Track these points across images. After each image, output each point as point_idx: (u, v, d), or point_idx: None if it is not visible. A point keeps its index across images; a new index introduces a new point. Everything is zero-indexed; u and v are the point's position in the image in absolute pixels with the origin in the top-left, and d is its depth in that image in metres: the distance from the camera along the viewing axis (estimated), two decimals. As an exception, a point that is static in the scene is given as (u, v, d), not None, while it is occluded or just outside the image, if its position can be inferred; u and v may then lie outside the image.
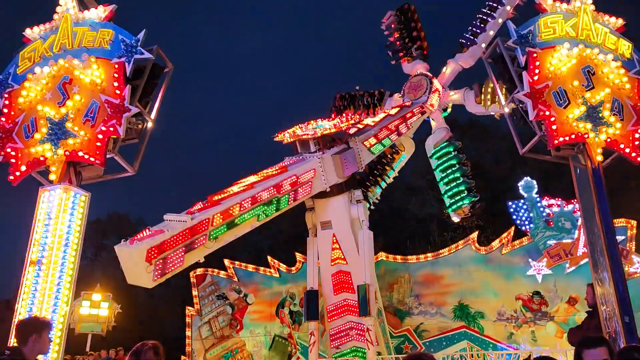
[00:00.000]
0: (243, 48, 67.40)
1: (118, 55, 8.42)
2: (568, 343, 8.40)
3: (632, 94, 8.91)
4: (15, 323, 6.70)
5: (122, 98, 8.22)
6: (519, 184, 15.37)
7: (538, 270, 14.32)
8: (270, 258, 17.53)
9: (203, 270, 17.29)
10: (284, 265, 17.14)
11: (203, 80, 62.68)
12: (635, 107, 8.84)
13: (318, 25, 63.16)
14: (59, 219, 7.78)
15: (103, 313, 18.16)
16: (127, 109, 8.19)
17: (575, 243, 14.04)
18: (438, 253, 15.61)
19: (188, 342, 17.18)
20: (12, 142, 8.61)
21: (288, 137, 10.70)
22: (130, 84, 8.36)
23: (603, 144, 8.43)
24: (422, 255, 15.87)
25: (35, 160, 8.38)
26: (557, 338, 13.59)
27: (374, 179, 12.53)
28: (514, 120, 9.24)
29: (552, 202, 14.83)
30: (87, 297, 17.97)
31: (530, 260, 14.45)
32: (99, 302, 18.16)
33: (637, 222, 14.17)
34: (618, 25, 9.42)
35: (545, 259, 14.29)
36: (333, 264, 11.05)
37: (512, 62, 8.88)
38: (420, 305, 15.36)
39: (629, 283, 8.15)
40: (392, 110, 11.81)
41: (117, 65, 8.37)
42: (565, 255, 14.17)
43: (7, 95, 8.95)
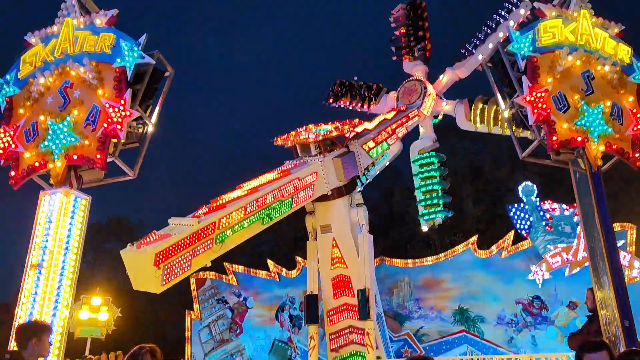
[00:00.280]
0: (242, 53, 67.60)
1: (119, 60, 8.44)
2: (568, 347, 8.39)
3: (631, 99, 8.94)
4: (16, 327, 6.69)
5: (123, 102, 8.23)
6: (519, 188, 15.42)
7: (538, 275, 14.34)
8: (270, 262, 17.53)
9: (203, 274, 17.30)
10: (284, 269, 17.14)
11: (203, 85, 62.83)
12: (634, 111, 8.86)
13: (318, 30, 63.37)
14: (60, 223, 7.78)
15: (102, 317, 18.12)
16: (127, 113, 8.20)
17: (575, 247, 14.07)
18: (438, 257, 15.63)
19: (188, 345, 17.17)
20: (13, 146, 8.62)
21: (288, 141, 10.72)
22: (131, 88, 8.37)
23: (602, 149, 8.46)
24: (422, 259, 15.89)
25: (36, 164, 8.39)
26: (557, 342, 13.60)
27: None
28: (514, 125, 9.27)
29: (551, 206, 14.87)
30: (86, 300, 17.95)
31: (530, 265, 14.47)
32: (99, 305, 18.12)
33: (636, 226, 14.20)
34: (617, 30, 9.45)
35: (545, 263, 14.31)
36: (333, 268, 11.04)
37: (511, 66, 8.91)
38: (420, 309, 15.36)
39: (629, 287, 8.16)
40: (388, 115, 11.88)
41: (118, 70, 8.39)
42: (565, 260, 14.19)
43: (8, 99, 8.97)
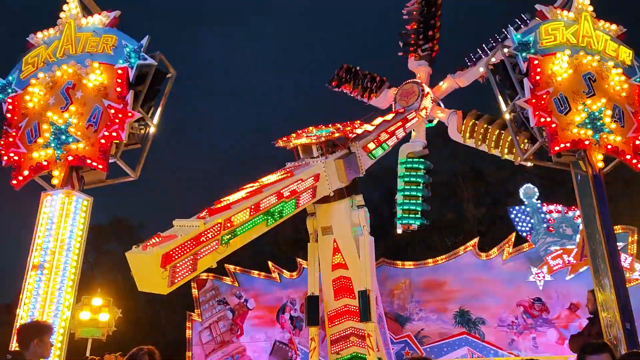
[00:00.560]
0: (245, 54, 67.66)
1: (121, 61, 8.46)
2: (569, 350, 8.38)
3: (632, 101, 8.94)
4: (17, 327, 6.70)
5: (124, 103, 8.24)
6: (520, 190, 15.41)
7: (539, 277, 14.33)
8: (271, 263, 17.54)
9: (204, 275, 17.30)
10: (285, 271, 17.15)
11: (204, 86, 62.83)
12: (636, 114, 8.86)
13: (321, 31, 63.40)
14: (61, 224, 7.79)
15: (103, 318, 18.12)
16: (129, 114, 8.22)
17: (577, 249, 14.06)
18: (439, 259, 15.63)
19: (188, 347, 17.17)
20: (15, 146, 8.64)
21: (289, 142, 10.73)
22: (133, 90, 8.39)
23: (604, 151, 8.45)
24: (423, 261, 15.88)
25: (38, 165, 8.40)
26: (558, 344, 13.58)
27: None
28: (515, 127, 9.27)
29: (553, 208, 14.87)
30: (87, 301, 17.95)
31: (531, 267, 14.46)
32: (100, 306, 18.12)
33: (637, 228, 14.19)
34: (619, 33, 9.46)
35: (546, 265, 14.30)
36: (334, 270, 11.04)
37: (513, 68, 8.91)
38: (421, 311, 15.36)
39: (630, 290, 8.16)
40: (387, 117, 11.93)
41: (120, 71, 8.40)
42: (566, 262, 14.18)
43: (10, 100, 8.98)
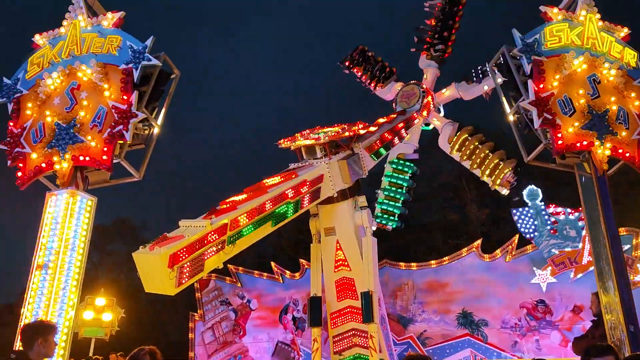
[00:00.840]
0: (248, 55, 67.77)
1: (126, 62, 8.49)
2: (572, 352, 8.36)
3: (637, 103, 8.91)
4: (21, 327, 6.72)
5: (129, 104, 8.28)
6: (524, 192, 15.37)
7: (542, 279, 14.29)
8: (274, 264, 17.55)
9: (207, 276, 17.32)
10: (288, 272, 17.16)
11: (208, 87, 63.01)
12: (641, 115, 8.84)
13: (323, 32, 63.45)
14: (66, 224, 7.82)
15: (107, 318, 18.17)
16: (134, 115, 8.24)
17: (580, 251, 14.01)
18: (442, 260, 15.60)
19: (191, 347, 17.19)
20: (20, 147, 8.68)
21: (292, 143, 10.74)
22: (138, 90, 8.43)
23: (608, 153, 8.43)
24: (426, 263, 15.86)
25: (43, 165, 8.44)
26: (561, 347, 13.54)
27: None
28: (519, 128, 9.25)
29: (556, 210, 14.82)
30: (91, 301, 18.00)
31: (535, 269, 14.42)
32: (103, 306, 18.18)
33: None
34: (623, 34, 9.44)
35: (550, 267, 14.26)
36: (337, 271, 11.03)
37: (517, 70, 8.90)
38: (424, 313, 15.33)
39: (634, 292, 8.13)
40: (389, 118, 11.95)
41: (124, 72, 8.45)
42: (570, 264, 14.13)
43: (15, 101, 9.04)
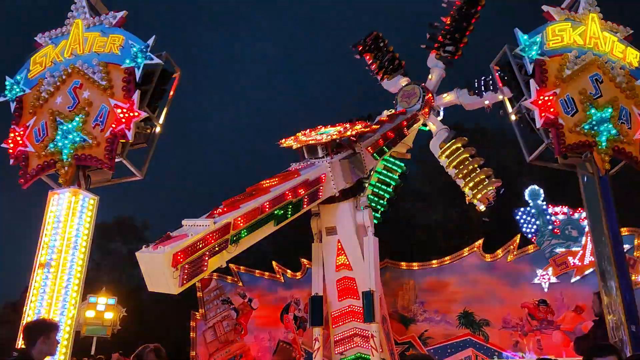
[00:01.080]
0: (250, 54, 67.81)
1: (128, 61, 8.50)
2: (574, 352, 8.35)
3: (639, 103, 8.90)
4: (23, 325, 6.74)
5: (131, 103, 8.29)
6: (526, 192, 15.35)
7: (544, 279, 14.26)
8: (275, 263, 17.54)
9: (208, 275, 17.32)
10: (289, 271, 17.15)
11: (210, 86, 63.03)
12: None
13: (326, 29, 63.43)
14: (68, 222, 7.85)
15: (108, 316, 18.22)
16: (136, 114, 8.26)
17: (582, 251, 13.99)
18: (443, 260, 15.57)
19: (192, 346, 17.20)
20: (22, 145, 8.71)
21: (294, 143, 10.75)
22: (140, 89, 8.44)
23: (610, 152, 8.42)
24: (427, 263, 15.84)
25: (45, 164, 8.47)
26: (563, 347, 13.51)
27: None
28: (521, 128, 9.25)
29: (558, 209, 14.80)
30: (92, 300, 18.06)
31: (536, 269, 14.39)
32: (105, 305, 18.23)
33: (645, 230, 14.10)
34: (626, 34, 9.42)
35: (552, 267, 14.23)
36: (338, 270, 11.05)
37: (519, 69, 8.89)
38: (425, 312, 15.31)
39: (636, 292, 8.12)
40: (390, 118, 11.96)
41: (126, 71, 8.46)
42: (572, 264, 14.11)
43: (18, 100, 9.06)
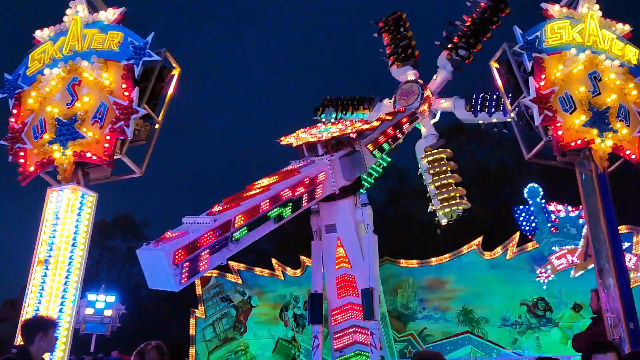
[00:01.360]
0: (250, 52, 67.73)
1: (127, 58, 8.49)
2: (572, 349, 8.36)
3: (638, 100, 8.89)
4: (21, 322, 6.74)
5: (130, 100, 8.27)
6: (524, 189, 15.37)
7: (543, 276, 14.29)
8: (275, 261, 17.57)
9: (208, 273, 17.35)
10: (289, 268, 17.18)
11: (210, 83, 62.98)
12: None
13: (325, 30, 63.38)
14: (67, 219, 7.84)
15: (108, 314, 18.25)
16: (135, 111, 8.24)
17: (581, 249, 14.00)
18: (442, 258, 15.61)
19: (192, 343, 17.24)
20: (21, 142, 8.68)
21: (294, 140, 10.75)
22: (139, 86, 8.43)
23: (609, 150, 8.41)
24: (426, 260, 15.87)
25: (44, 161, 8.44)
26: (561, 344, 13.55)
27: None
28: (520, 126, 9.24)
29: (557, 207, 14.82)
30: (92, 297, 18.08)
31: (535, 266, 14.42)
32: (104, 303, 18.26)
33: (644, 228, 14.12)
34: (625, 32, 9.41)
35: (550, 265, 14.26)
36: (337, 268, 11.07)
37: (518, 67, 8.88)
38: (424, 310, 15.35)
39: (634, 290, 8.13)
40: (388, 116, 11.97)
41: (125, 67, 8.44)
42: (571, 262, 14.13)
43: (16, 97, 9.04)
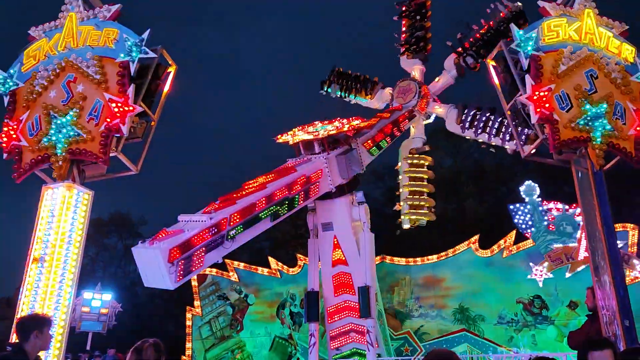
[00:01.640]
0: (248, 50, 67.60)
1: (122, 55, 8.45)
2: (568, 346, 8.39)
3: (634, 98, 8.92)
4: (17, 320, 6.72)
5: (126, 97, 8.25)
6: (521, 188, 15.39)
7: (539, 274, 14.33)
8: (272, 259, 17.55)
9: (204, 270, 17.31)
10: (285, 266, 17.16)
11: (207, 82, 62.82)
12: (637, 111, 8.85)
13: (324, 28, 63.25)
14: (62, 217, 7.81)
15: (104, 312, 18.20)
16: (131, 108, 8.22)
17: (577, 247, 14.04)
18: (439, 256, 15.61)
19: (188, 341, 17.20)
20: (16, 139, 8.65)
21: (291, 138, 10.74)
22: (135, 83, 8.39)
23: (605, 148, 8.44)
24: (423, 258, 15.87)
25: (39, 158, 8.41)
26: (557, 342, 13.59)
27: None
28: (516, 123, 9.25)
29: (553, 205, 14.85)
30: (88, 295, 18.03)
31: (531, 264, 14.45)
32: (100, 301, 18.21)
33: (638, 226, 14.17)
34: (621, 30, 9.43)
35: (547, 263, 14.29)
36: (334, 266, 11.07)
37: (515, 65, 8.89)
38: (421, 308, 15.36)
39: (630, 288, 8.16)
40: (385, 114, 12.00)
41: (121, 65, 8.41)
42: (567, 260, 14.17)
43: (11, 93, 8.99)
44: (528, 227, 14.80)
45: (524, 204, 15.03)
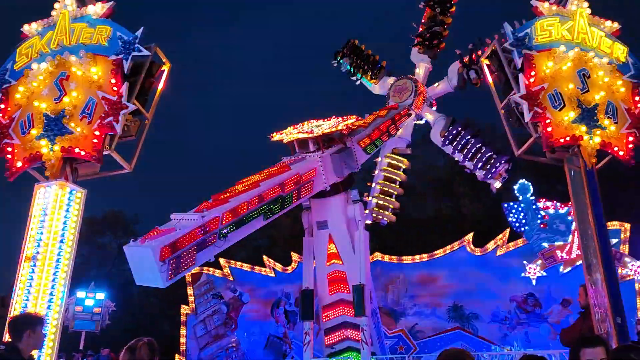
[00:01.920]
0: (242, 48, 67.40)
1: (116, 52, 8.41)
2: (561, 343, 8.45)
3: (626, 98, 8.97)
4: (9, 319, 6.69)
5: (119, 95, 8.21)
6: (514, 186, 15.46)
7: (532, 272, 14.41)
8: (266, 258, 17.56)
9: (198, 269, 17.28)
10: (280, 265, 17.17)
11: (201, 80, 62.56)
12: (629, 110, 8.91)
13: (319, 27, 63.22)
14: (55, 215, 7.76)
15: (97, 311, 18.13)
16: (124, 106, 8.17)
17: (570, 245, 14.14)
18: (433, 254, 15.67)
19: (183, 340, 17.18)
20: (8, 138, 8.58)
21: (285, 137, 10.72)
22: (128, 81, 8.35)
23: (597, 147, 8.49)
24: (417, 256, 15.93)
25: (32, 156, 8.35)
26: (550, 339, 13.68)
27: None
28: (510, 122, 9.29)
29: (547, 204, 14.94)
30: (81, 294, 17.96)
31: (525, 262, 14.54)
32: (94, 300, 18.14)
33: (631, 225, 14.29)
34: (613, 29, 9.48)
35: (540, 261, 14.38)
36: (329, 264, 11.08)
37: (508, 64, 8.92)
38: (415, 306, 15.43)
39: (622, 285, 8.22)
40: (381, 112, 11.97)
41: (114, 62, 8.37)
42: (560, 258, 14.27)
43: (4, 91, 8.93)
44: (522, 225, 14.89)
45: (518, 203, 15.11)
